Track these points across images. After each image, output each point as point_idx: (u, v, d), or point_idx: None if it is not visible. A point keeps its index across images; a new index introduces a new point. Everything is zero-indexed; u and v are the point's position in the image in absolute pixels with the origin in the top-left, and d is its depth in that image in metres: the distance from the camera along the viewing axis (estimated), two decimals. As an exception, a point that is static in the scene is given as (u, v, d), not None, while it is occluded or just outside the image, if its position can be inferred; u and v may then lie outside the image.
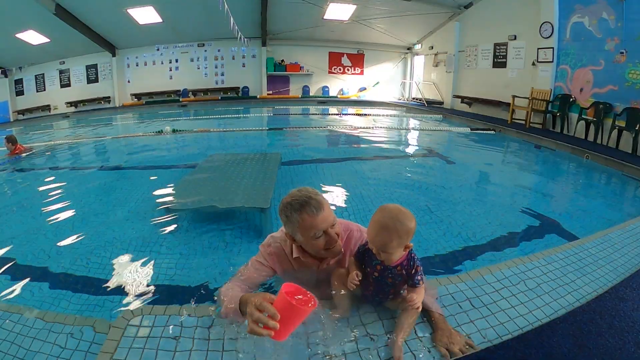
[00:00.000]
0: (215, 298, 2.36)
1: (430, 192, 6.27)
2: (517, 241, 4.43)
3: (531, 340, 2.15)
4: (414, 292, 2.11)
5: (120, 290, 3.33)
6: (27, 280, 3.50)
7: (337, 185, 6.34)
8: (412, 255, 2.13)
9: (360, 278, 2.13)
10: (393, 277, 2.14)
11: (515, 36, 13.43)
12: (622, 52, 9.14)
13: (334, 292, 2.29)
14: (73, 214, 5.21)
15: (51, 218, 5.07)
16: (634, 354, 2.10)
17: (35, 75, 19.22)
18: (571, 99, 10.72)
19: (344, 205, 5.46)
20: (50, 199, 5.80)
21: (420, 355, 2.02)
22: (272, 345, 1.95)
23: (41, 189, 6.51)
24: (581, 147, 8.96)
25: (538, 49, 11.89)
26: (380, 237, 2.00)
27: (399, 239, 2.00)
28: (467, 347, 2.06)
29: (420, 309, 2.16)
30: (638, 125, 8.43)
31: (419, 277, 2.13)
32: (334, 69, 21.76)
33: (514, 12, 13.34)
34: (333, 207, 5.15)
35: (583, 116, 10.10)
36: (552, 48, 11.38)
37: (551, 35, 11.34)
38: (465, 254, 4.09)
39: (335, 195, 5.85)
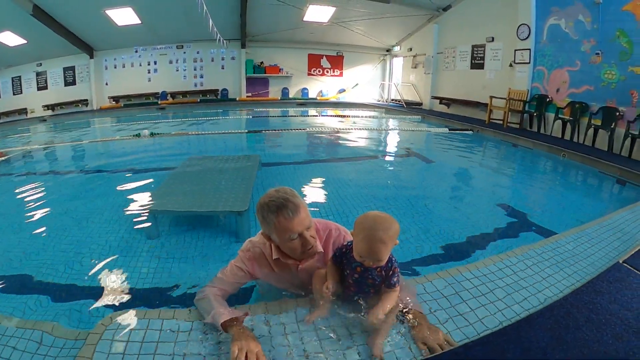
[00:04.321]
0: (197, 299, 2.36)
1: (409, 191, 6.30)
2: (495, 238, 4.45)
3: (509, 335, 2.16)
4: (385, 296, 2.14)
5: (98, 296, 3.25)
6: (1, 287, 3.41)
7: (316, 186, 6.34)
8: (391, 257, 2.14)
9: (332, 290, 2.16)
10: (373, 278, 2.17)
11: (492, 38, 13.59)
12: (597, 53, 9.30)
13: (314, 292, 2.31)
14: (49, 220, 5.09)
15: (27, 224, 4.95)
16: (611, 346, 2.12)
17: (12, 78, 18.63)
18: (548, 99, 10.88)
19: (323, 206, 5.43)
20: (26, 205, 5.66)
21: (400, 352, 2.01)
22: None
23: (16, 195, 6.34)
24: (558, 145, 9.09)
25: (515, 50, 12.05)
26: (375, 250, 2.01)
27: (391, 243, 2.03)
28: (446, 343, 2.07)
29: (399, 303, 2.21)
30: (613, 124, 8.60)
31: (395, 279, 2.16)
32: (314, 70, 21.76)
33: (491, 15, 13.51)
34: (313, 208, 5.16)
35: (560, 116, 10.26)
36: (529, 49, 11.55)
37: (528, 37, 11.51)
38: (443, 251, 4.09)
39: (314, 196, 5.84)
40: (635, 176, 6.87)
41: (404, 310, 2.25)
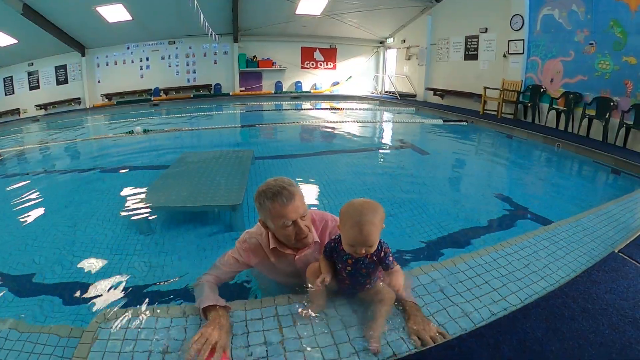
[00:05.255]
0: (193, 285, 2.45)
1: (405, 183, 6.28)
2: (490, 229, 4.44)
3: (504, 326, 2.14)
4: (392, 277, 2.11)
5: (93, 294, 3.22)
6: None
7: (311, 179, 6.31)
8: (380, 240, 2.11)
9: (327, 282, 2.14)
10: (366, 267, 2.14)
11: (486, 29, 13.55)
12: (591, 43, 9.28)
13: (309, 287, 2.30)
14: (43, 218, 5.06)
15: (20, 224, 4.91)
16: (608, 337, 2.10)
17: (4, 78, 18.40)
18: (542, 90, 10.86)
19: (318, 198, 5.43)
20: (19, 204, 5.61)
21: (394, 345, 1.99)
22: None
23: (9, 195, 6.30)
24: (552, 136, 9.07)
25: (509, 41, 12.02)
26: (365, 234, 1.98)
27: (380, 226, 2.02)
28: (439, 335, 2.05)
29: (395, 295, 2.21)
30: (607, 114, 8.59)
31: (390, 259, 2.13)
32: (307, 64, 21.67)
33: (484, 5, 13.47)
34: (307, 200, 5.13)
35: (554, 106, 10.25)
36: (523, 40, 11.51)
37: (522, 27, 11.47)
38: (438, 243, 4.08)
39: (309, 188, 5.82)
40: (630, 166, 6.88)
41: (399, 302, 2.24)
